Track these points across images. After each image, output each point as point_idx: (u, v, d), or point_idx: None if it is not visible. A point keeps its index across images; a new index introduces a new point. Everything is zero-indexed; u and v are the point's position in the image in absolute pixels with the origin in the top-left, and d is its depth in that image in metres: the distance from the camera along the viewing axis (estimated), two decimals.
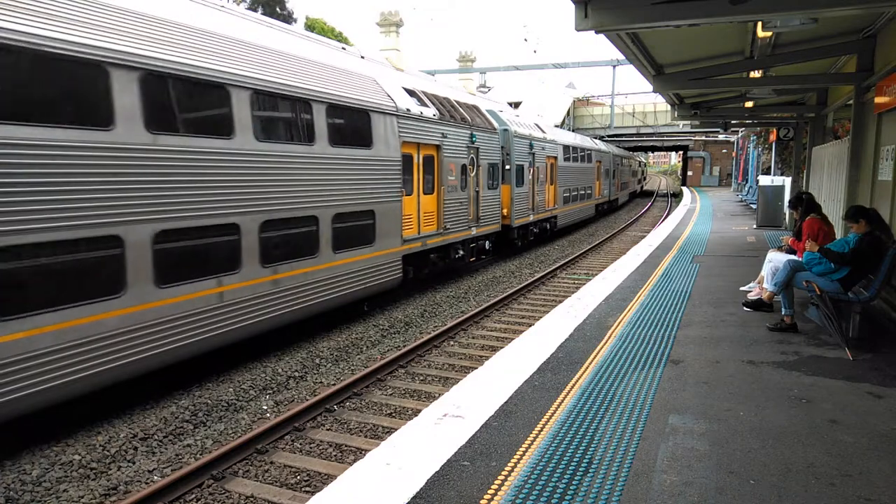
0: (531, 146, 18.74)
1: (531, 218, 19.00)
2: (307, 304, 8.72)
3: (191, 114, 7.06)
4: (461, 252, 14.15)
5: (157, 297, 6.48)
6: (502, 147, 16.62)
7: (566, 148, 23.17)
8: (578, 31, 6.34)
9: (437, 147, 12.56)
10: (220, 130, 7.21)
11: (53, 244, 5.51)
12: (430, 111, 12.33)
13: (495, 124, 16.39)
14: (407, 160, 11.37)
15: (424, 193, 12.25)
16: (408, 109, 11.30)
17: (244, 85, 7.47)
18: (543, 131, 20.93)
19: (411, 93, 12.15)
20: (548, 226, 21.24)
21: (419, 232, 12.02)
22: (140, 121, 6.24)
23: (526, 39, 78.48)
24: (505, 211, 17.00)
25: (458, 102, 14.69)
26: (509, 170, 17.09)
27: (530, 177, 18.73)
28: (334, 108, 9.22)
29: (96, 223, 5.85)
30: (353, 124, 9.76)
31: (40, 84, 5.55)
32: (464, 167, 13.85)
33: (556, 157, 21.72)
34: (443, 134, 12.71)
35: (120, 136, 6.06)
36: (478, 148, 14.60)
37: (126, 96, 6.10)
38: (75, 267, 5.75)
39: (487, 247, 15.84)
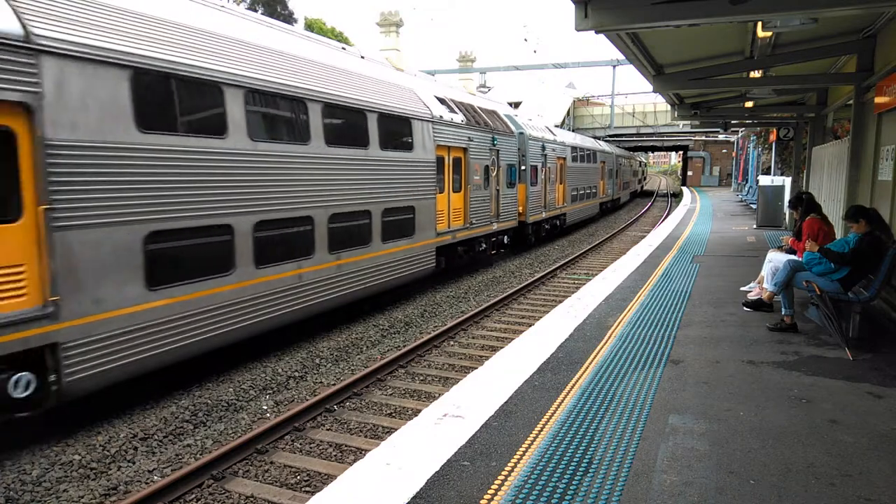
0: (543, 148, 19.73)
1: (544, 215, 20.10)
2: (362, 286, 10.05)
3: (279, 125, 8.45)
4: (484, 245, 15.36)
5: (256, 276, 7.78)
6: (518, 149, 17.51)
7: (574, 149, 24.15)
8: (578, 31, 6.34)
9: (465, 150, 13.71)
10: (298, 138, 8.65)
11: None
12: (459, 117, 13.48)
13: (513, 128, 17.43)
14: (439, 161, 12.52)
15: (453, 191, 13.46)
16: (440, 116, 12.52)
17: (317, 99, 8.87)
18: (554, 134, 22.00)
19: (442, 101, 13.38)
20: (558, 222, 22.27)
21: (449, 226, 13.17)
22: (245, 131, 7.52)
23: (526, 39, 78.35)
24: (521, 208, 17.97)
25: (480, 108, 15.78)
26: (524, 170, 18.04)
27: (542, 176, 19.77)
28: (383, 117, 10.43)
29: (220, 212, 7.24)
30: (398, 130, 11.02)
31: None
32: (486, 168, 14.98)
33: (564, 158, 22.69)
34: (469, 137, 13.84)
35: (230, 143, 7.33)
36: (498, 150, 15.69)
37: (236, 111, 7.42)
38: (201, 249, 7.04)
39: (506, 241, 17.14)
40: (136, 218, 6.26)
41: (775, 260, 7.17)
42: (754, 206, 21.82)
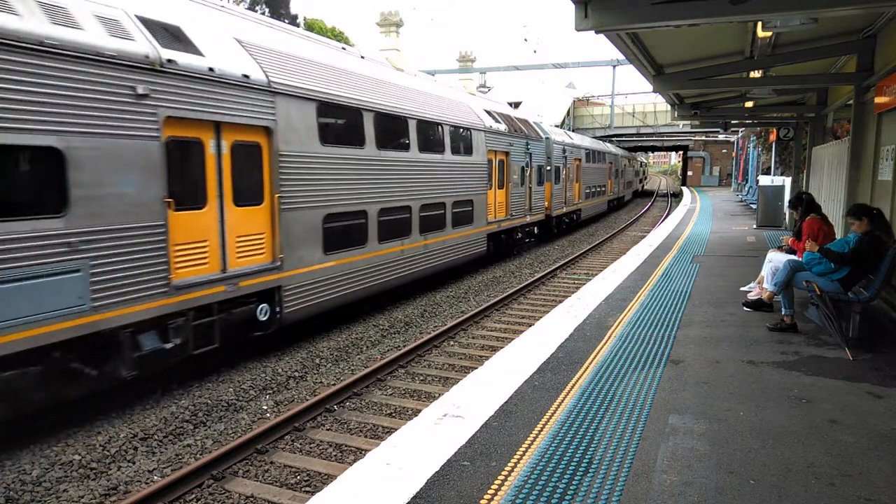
0: (564, 151, 22.46)
1: (564, 209, 23.10)
2: (439, 262, 12.90)
3: (391, 137, 11.02)
4: (520, 234, 18.30)
5: (378, 249, 10.57)
6: (545, 152, 20.15)
7: (587, 151, 26.91)
8: (578, 31, 6.34)
9: (507, 154, 16.52)
10: (402, 147, 11.37)
11: (360, 212, 10.01)
12: (502, 126, 16.28)
13: (541, 134, 20.15)
14: (489, 164, 15.17)
15: (498, 188, 16.13)
16: (490, 126, 15.25)
17: (412, 118, 11.61)
18: (571, 138, 25.10)
19: (489, 113, 16.08)
20: (574, 216, 25.23)
21: (495, 217, 15.93)
22: (374, 142, 10.29)
23: (526, 39, 78.37)
24: (546, 203, 20.61)
25: (517, 118, 18.88)
26: (550, 170, 20.75)
27: (563, 175, 22.58)
28: (453, 128, 13.33)
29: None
30: (462, 139, 13.77)
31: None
32: (522, 168, 17.69)
33: (580, 160, 25.44)
34: (510, 143, 16.60)
35: (367, 151, 10.16)
36: (530, 153, 18.37)
37: (369, 128, 10.16)
38: (350, 227, 9.80)
39: (535, 231, 20.00)
40: (319, 204, 9.01)
41: (775, 260, 7.17)
42: (754, 206, 21.82)
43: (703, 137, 52.05)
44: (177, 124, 6.82)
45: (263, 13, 32.62)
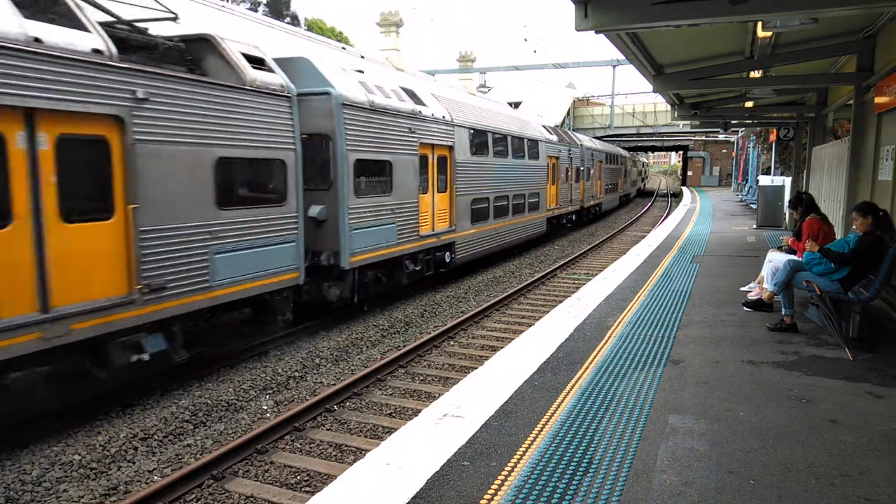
0: (592, 155, 27.92)
1: (592, 202, 28.38)
2: (520, 236, 17.96)
3: (502, 148, 16.22)
4: (564, 220, 23.69)
5: (492, 224, 15.57)
6: (580, 155, 25.39)
7: (606, 154, 32.42)
8: (578, 31, 6.34)
9: (557, 158, 21.58)
10: (505, 155, 16.43)
11: (486, 198, 15.02)
12: (555, 137, 21.71)
13: (577, 141, 25.59)
14: (547, 166, 20.29)
15: (551, 184, 21.07)
16: (548, 138, 20.62)
17: (512, 135, 16.92)
18: (595, 144, 30.43)
19: (546, 128, 21.69)
20: (598, 208, 30.76)
21: (549, 206, 20.83)
22: (492, 153, 15.47)
23: (526, 39, 78.52)
24: (580, 197, 25.74)
25: (562, 131, 24.76)
26: (582, 170, 25.69)
27: (591, 175, 27.84)
28: (529, 140, 18.46)
29: (498, 190, 15.77)
30: (533, 148, 18.77)
31: (496, 142, 15.79)
32: (566, 169, 22.94)
33: (602, 162, 30.75)
34: (559, 150, 21.71)
35: (489, 159, 15.23)
36: (571, 157, 23.60)
37: (490, 143, 15.24)
38: (484, 209, 14.93)
39: (573, 218, 25.35)
40: (469, 192, 14.06)
41: (775, 260, 7.17)
42: (754, 206, 21.82)
43: (703, 137, 52.04)
44: (425, 147, 12.15)
45: (264, 13, 32.60)
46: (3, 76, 5.08)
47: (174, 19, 7.75)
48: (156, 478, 5.39)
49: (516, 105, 37.84)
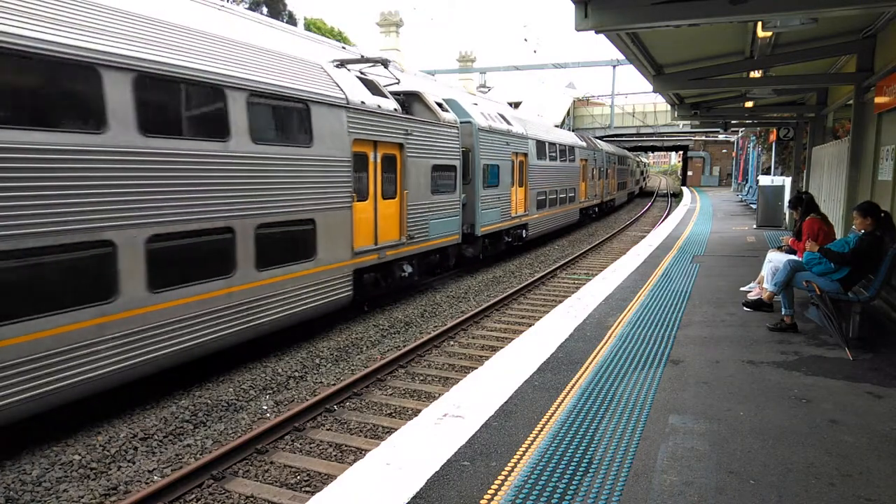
0: (607, 157, 32.50)
1: (608, 198, 33.67)
2: (563, 222, 22.70)
3: (552, 154, 21.14)
4: (590, 211, 28.76)
5: (547, 211, 20.44)
6: (602, 159, 30.77)
7: (618, 157, 37.54)
8: (578, 31, 6.34)
9: (586, 160, 26.31)
10: (554, 158, 21.10)
11: (545, 191, 20.37)
12: (584, 143, 26.41)
13: (599, 147, 30.76)
14: (579, 166, 25.05)
15: (581, 181, 25.62)
16: (580, 144, 25.65)
17: (560, 143, 21.99)
18: (609, 148, 34.81)
19: (578, 135, 28.06)
20: (612, 203, 35.98)
21: (581, 199, 25.56)
22: (547, 157, 20.58)
23: (526, 39, 78.56)
24: (601, 192, 30.88)
25: (587, 138, 29.82)
26: (603, 170, 31.03)
27: (608, 174, 32.92)
28: (568, 147, 23.22)
29: (552, 186, 21.34)
30: (571, 153, 23.53)
31: (551, 150, 21.27)
32: (592, 170, 27.69)
33: (615, 163, 35.46)
34: (587, 154, 26.48)
35: (546, 163, 20.36)
36: (595, 159, 28.44)
37: (554, 152, 21.43)
38: (543, 200, 20.14)
39: (597, 210, 30.43)
40: (535, 187, 18.81)
41: (775, 260, 7.17)
42: (754, 206, 21.82)
43: (703, 137, 52.03)
44: (514, 155, 16.87)
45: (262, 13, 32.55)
46: (368, 124, 9.86)
47: (397, 83, 12.07)
48: (156, 478, 5.39)
49: (516, 105, 37.86)
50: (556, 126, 32.45)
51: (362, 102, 9.78)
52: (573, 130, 39.06)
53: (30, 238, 5.22)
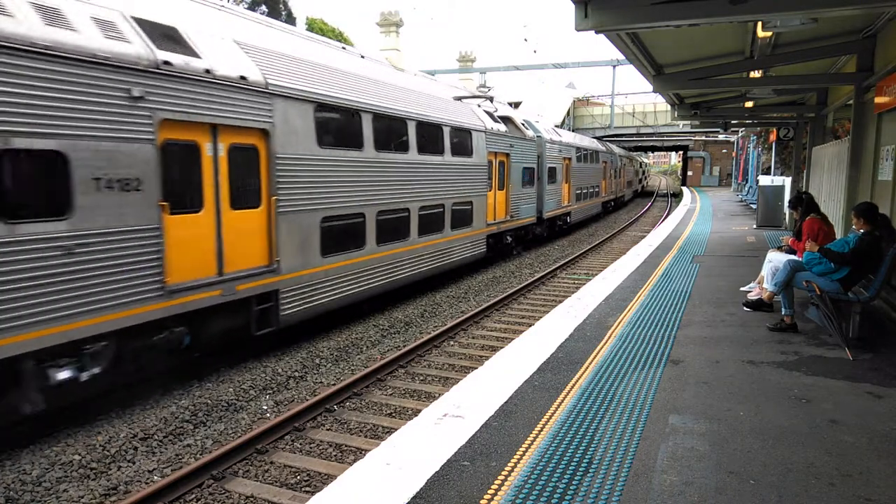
0: (621, 158, 38.28)
1: (621, 193, 39.28)
2: (594, 213, 29.01)
3: (587, 160, 27.45)
4: (608, 204, 33.89)
5: (585, 203, 26.50)
6: (617, 161, 36.42)
7: (627, 158, 43.84)
8: (578, 31, 6.34)
9: (606, 162, 31.59)
10: (589, 161, 27.34)
11: (581, 187, 25.54)
12: (604, 148, 31.42)
13: (615, 151, 35.96)
14: (602, 166, 30.12)
15: (603, 178, 30.78)
16: (602, 149, 30.65)
17: (591, 149, 28.36)
18: (621, 151, 40.17)
19: (602, 143, 32.88)
20: (624, 197, 41.39)
21: (603, 194, 31.09)
22: (589, 161, 28.16)
23: (526, 39, 78.56)
24: (616, 189, 36.53)
25: (605, 143, 34.57)
26: (618, 169, 36.64)
27: (621, 174, 38.47)
28: (594, 152, 28.43)
29: (586, 183, 26.85)
30: (598, 156, 29.03)
31: (585, 155, 27.27)
32: (609, 169, 32.75)
33: (625, 164, 40.88)
34: (609, 157, 32.32)
35: (586, 164, 26.79)
36: (612, 161, 33.73)
37: (585, 156, 26.91)
38: (582, 193, 25.74)
39: (613, 203, 35.85)
40: (576, 184, 24.21)
41: (775, 260, 7.17)
42: (754, 206, 21.82)
43: (703, 137, 52.04)
44: (563, 159, 21.97)
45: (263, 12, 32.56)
46: (494, 142, 15.03)
47: (491, 100, 17.00)
48: (156, 478, 5.39)
49: (516, 105, 37.89)
50: (557, 126, 32.75)
51: (491, 128, 15.07)
52: (573, 130, 39.15)
53: (341, 209, 9.37)
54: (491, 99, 17.08)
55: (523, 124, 18.63)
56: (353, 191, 9.59)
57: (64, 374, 5.76)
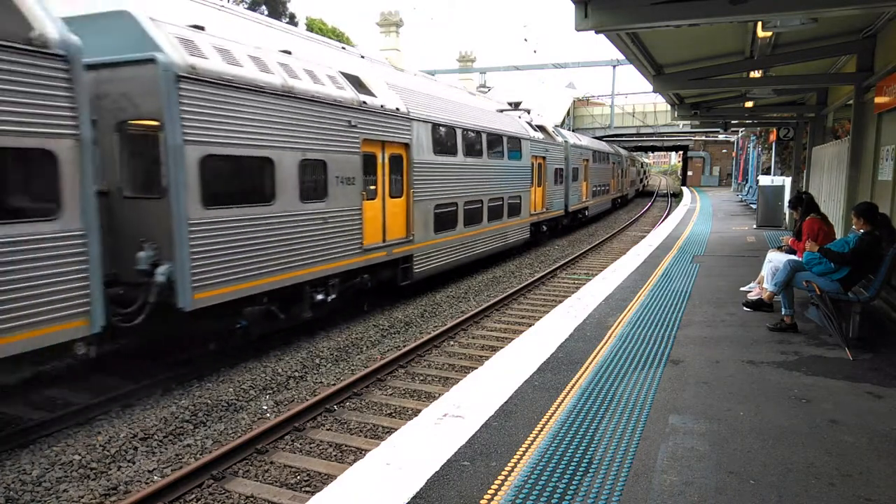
0: (628, 159, 42.47)
1: (629, 189, 44.04)
2: (609, 207, 34.22)
3: (603, 158, 31.91)
4: (616, 200, 36.14)
5: (598, 199, 29.61)
6: (627, 162, 41.23)
7: (633, 159, 47.58)
8: (578, 31, 6.34)
9: (615, 164, 34.07)
10: (601, 161, 30.41)
11: (597, 185, 29.31)
12: (613, 150, 34.06)
13: (622, 153, 38.80)
14: (619, 168, 36.54)
15: (612, 178, 33.03)
16: (613, 151, 34.50)
17: (603, 151, 31.50)
18: (626, 153, 42.72)
19: (612, 145, 36.75)
20: (629, 195, 44.77)
21: (615, 190, 34.85)
22: (606, 162, 32.53)
23: (526, 39, 78.53)
24: (625, 186, 40.75)
25: (614, 146, 37.08)
26: (623, 170, 39.25)
27: (627, 173, 41.83)
28: (609, 154, 32.97)
29: (601, 181, 30.61)
30: (611, 157, 32.91)
31: (602, 156, 31.71)
32: (617, 170, 35.39)
33: (630, 164, 44.20)
34: (619, 158, 36.18)
35: (601, 165, 30.31)
36: (620, 163, 36.88)
37: (602, 157, 31.26)
38: (598, 190, 29.50)
39: (630, 196, 43.93)
40: (592, 182, 27.38)
41: (775, 260, 7.17)
42: (754, 206, 21.82)
43: (703, 137, 52.03)
44: (581, 161, 25.30)
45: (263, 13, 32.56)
46: (536, 147, 18.92)
47: (528, 112, 20.06)
48: (156, 478, 5.39)
49: (516, 105, 37.89)
50: (557, 126, 32.95)
51: (533, 136, 18.50)
52: (573, 130, 39.19)
53: (445, 199, 12.94)
54: (528, 111, 21.11)
55: (553, 131, 22.42)
56: (452, 186, 13.19)
57: (319, 297, 9.23)
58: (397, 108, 10.88)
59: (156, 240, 6.75)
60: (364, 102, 9.84)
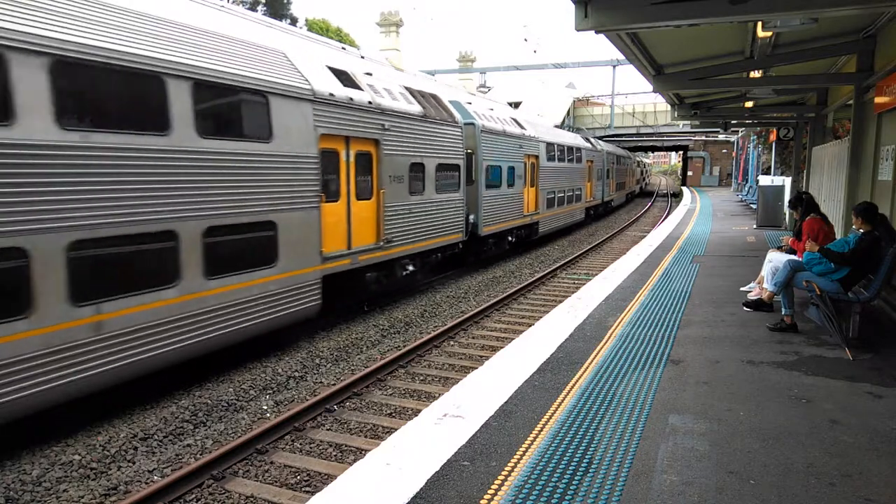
0: (629, 159, 43.57)
1: (636, 187, 48.92)
2: (624, 199, 41.76)
3: (618, 159, 37.48)
4: (627, 195, 42.21)
5: (617, 193, 37.39)
6: (631, 163, 43.90)
7: (632, 160, 48.04)
8: (578, 31, 6.34)
9: (626, 165, 40.47)
10: (617, 163, 36.52)
11: (615, 181, 36.23)
12: (624, 153, 38.79)
13: (623, 154, 39.85)
14: (626, 168, 41.72)
15: (627, 176, 41.00)
16: (625, 154, 41.76)
17: (618, 155, 36.90)
18: (627, 152, 45.27)
19: (623, 149, 42.28)
20: (634, 192, 48.94)
21: (628, 187, 43.37)
22: (620, 164, 39.08)
23: (526, 39, 78.35)
24: (633, 184, 45.26)
25: (623, 149, 41.51)
26: (631, 169, 42.93)
27: (632, 172, 45.25)
28: (622, 157, 38.39)
29: (619, 178, 38.04)
30: (624, 161, 40.00)
31: (617, 158, 37.25)
32: (627, 169, 40.34)
33: (635, 164, 48.20)
34: (629, 161, 42.89)
35: (620, 166, 38.16)
36: (628, 164, 40.54)
37: (615, 159, 35.37)
38: (619, 184, 38.03)
39: (636, 191, 49.83)
40: (614, 177, 34.79)
41: (775, 260, 7.17)
42: (754, 206, 21.82)
43: (703, 137, 52.00)
44: (589, 162, 26.79)
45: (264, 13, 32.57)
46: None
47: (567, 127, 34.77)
48: (156, 478, 5.39)
49: (516, 105, 37.97)
50: (557, 126, 33.13)
51: (585, 146, 25.31)
52: (574, 130, 39.26)
53: (548, 189, 20.89)
54: (579, 130, 28.10)
55: (594, 142, 29.33)
56: (554, 181, 21.31)
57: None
58: (535, 136, 19.16)
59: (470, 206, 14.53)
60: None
